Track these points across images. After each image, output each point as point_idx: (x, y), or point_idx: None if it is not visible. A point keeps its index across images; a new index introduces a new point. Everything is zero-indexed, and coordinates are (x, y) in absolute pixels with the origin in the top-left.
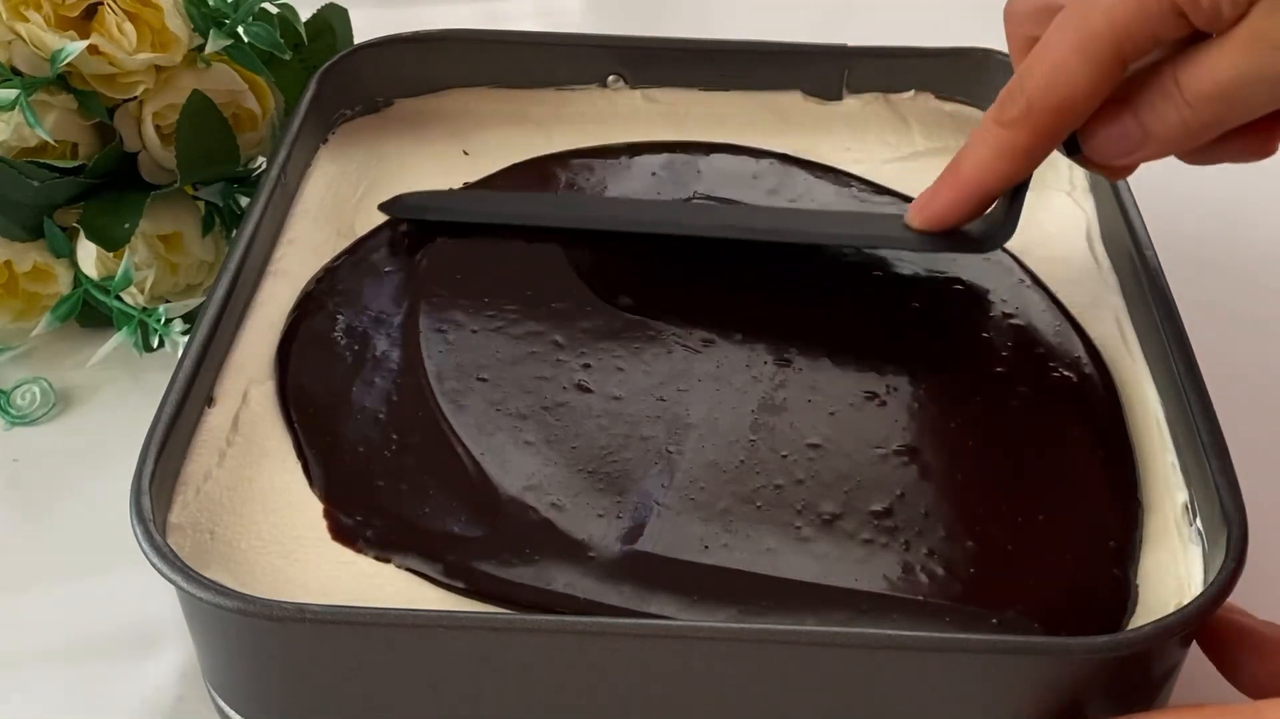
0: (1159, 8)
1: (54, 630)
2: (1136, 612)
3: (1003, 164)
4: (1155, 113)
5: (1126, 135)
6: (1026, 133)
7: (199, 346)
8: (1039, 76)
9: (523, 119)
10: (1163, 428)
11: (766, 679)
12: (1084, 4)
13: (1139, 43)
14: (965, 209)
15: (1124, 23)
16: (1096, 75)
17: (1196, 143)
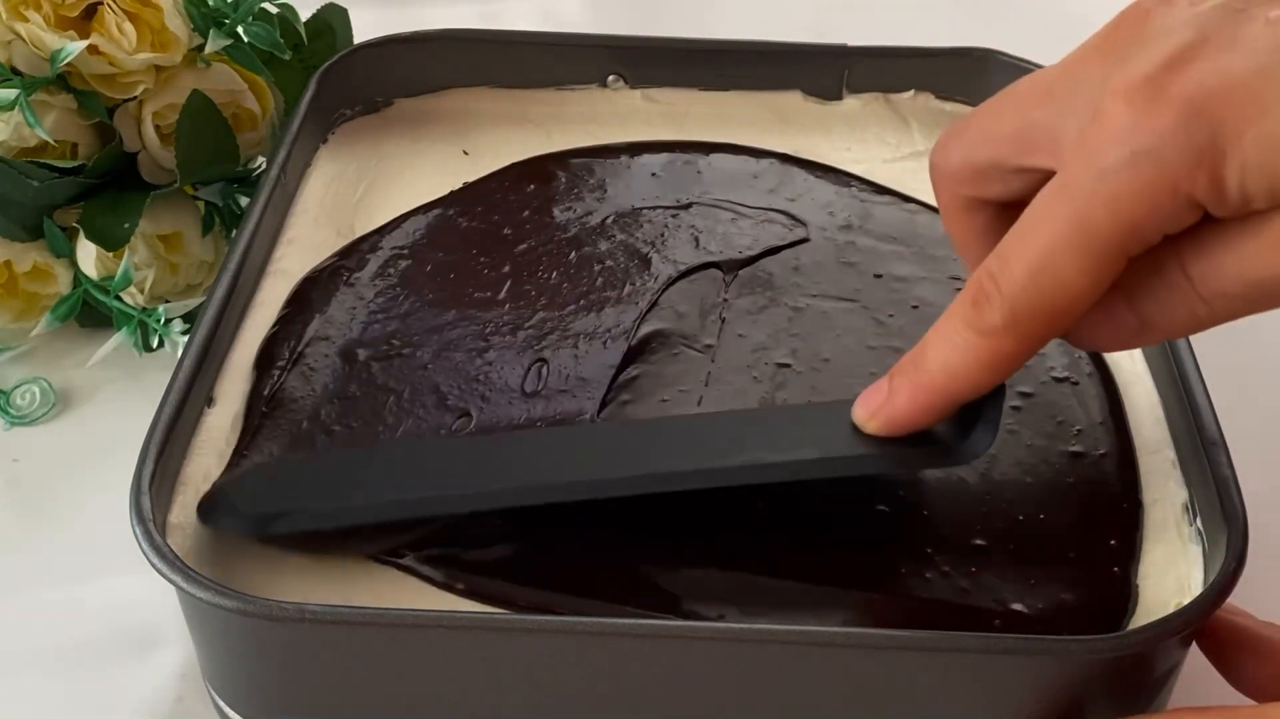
0: (1174, 201)
1: (54, 630)
2: (1136, 612)
3: (981, 374)
4: (1160, 306)
5: (1124, 329)
6: (1011, 342)
7: (199, 346)
8: (1021, 276)
9: (523, 119)
10: (1163, 428)
11: (766, 679)
12: (1077, 193)
13: (1148, 239)
14: (930, 417)
15: (1132, 219)
16: (1095, 276)
17: (1200, 331)
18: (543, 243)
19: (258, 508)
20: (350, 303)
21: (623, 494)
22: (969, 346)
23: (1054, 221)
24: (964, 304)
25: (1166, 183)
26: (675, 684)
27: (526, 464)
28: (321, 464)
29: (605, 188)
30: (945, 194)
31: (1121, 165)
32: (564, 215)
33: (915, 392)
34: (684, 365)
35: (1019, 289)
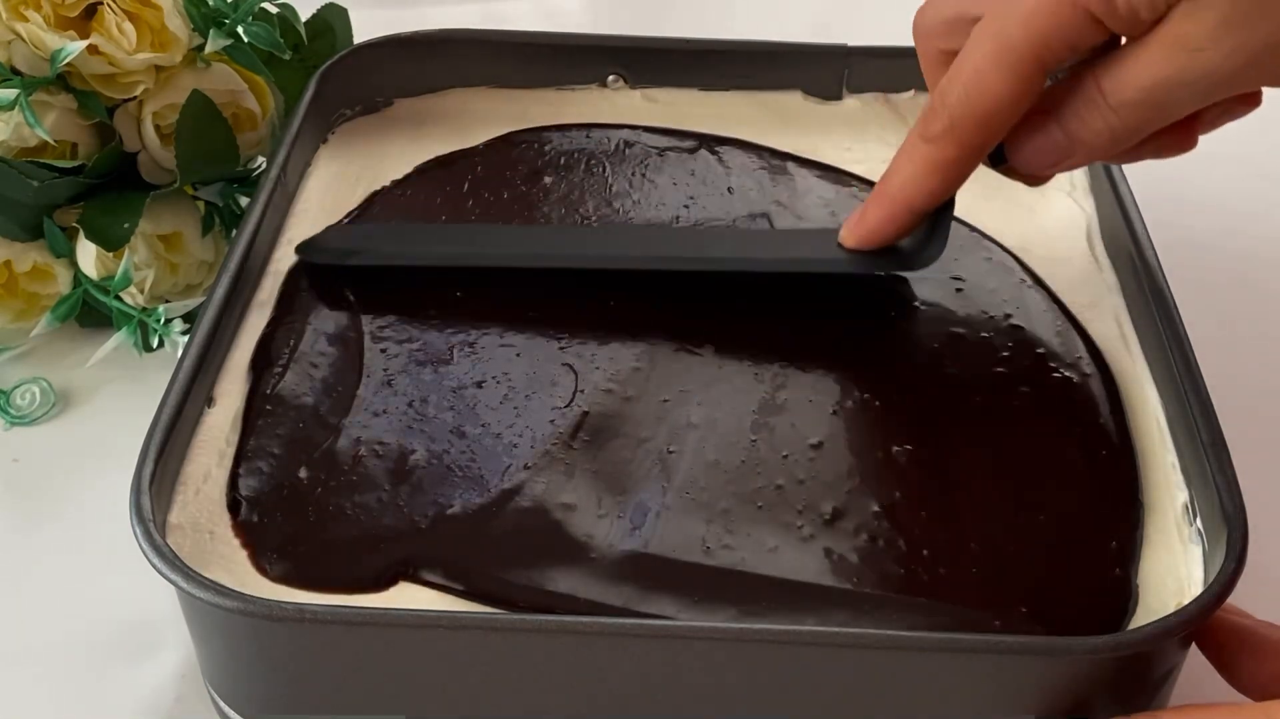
0: (1075, 15)
1: (54, 630)
2: (1137, 612)
3: (929, 180)
4: (1081, 121)
5: (1054, 145)
6: (952, 147)
7: (199, 346)
8: (959, 90)
9: (523, 119)
10: (1163, 428)
11: (766, 679)
12: (1000, 15)
13: (1057, 51)
14: (895, 227)
15: (1041, 31)
16: (1017, 86)
17: (1124, 147)
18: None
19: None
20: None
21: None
22: (920, 156)
23: (983, 44)
24: (919, 120)
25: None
26: (675, 684)
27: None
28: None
29: (594, 168)
30: (923, 48)
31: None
32: (557, 188)
33: (881, 205)
34: (684, 364)
35: (955, 100)
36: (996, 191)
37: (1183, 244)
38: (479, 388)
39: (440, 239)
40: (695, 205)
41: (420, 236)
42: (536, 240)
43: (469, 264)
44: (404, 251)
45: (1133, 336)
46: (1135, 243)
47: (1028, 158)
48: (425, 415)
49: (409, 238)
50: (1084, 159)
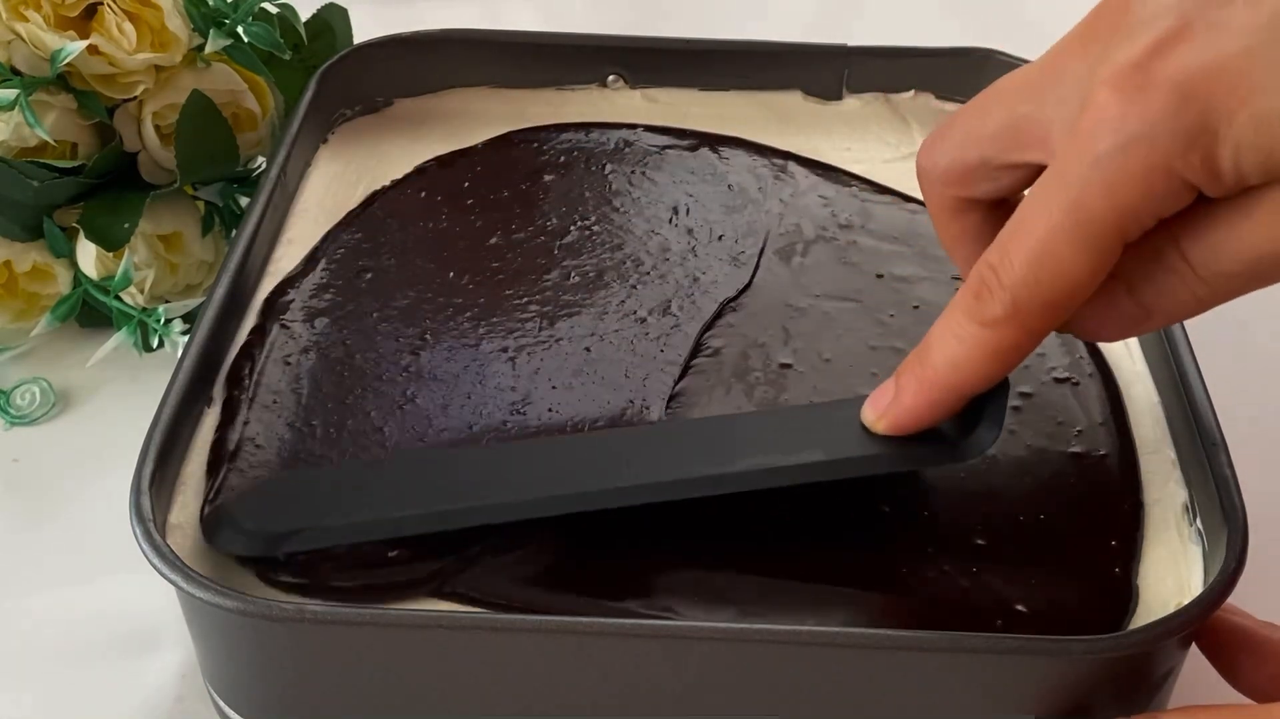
0: (1168, 183)
1: (54, 630)
2: (1137, 612)
3: (986, 367)
4: (1159, 291)
5: (1124, 316)
6: (1014, 332)
7: (199, 346)
8: (1021, 266)
9: (522, 119)
10: (1163, 428)
11: (766, 679)
12: (1073, 181)
13: (1144, 224)
14: (937, 413)
15: (1127, 202)
16: (1097, 264)
17: (1203, 312)
18: (535, 230)
19: (266, 525)
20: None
21: (630, 503)
22: (973, 339)
23: (1051, 211)
24: (966, 298)
25: (1160, 166)
26: (675, 684)
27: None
28: (327, 478)
29: (593, 166)
30: (934, 196)
31: (1115, 151)
32: (557, 187)
33: (921, 388)
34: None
35: (1019, 279)
36: None
37: None
38: (475, 381)
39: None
40: (695, 203)
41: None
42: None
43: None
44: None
45: None
46: None
47: (1094, 330)
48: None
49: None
50: (1160, 326)
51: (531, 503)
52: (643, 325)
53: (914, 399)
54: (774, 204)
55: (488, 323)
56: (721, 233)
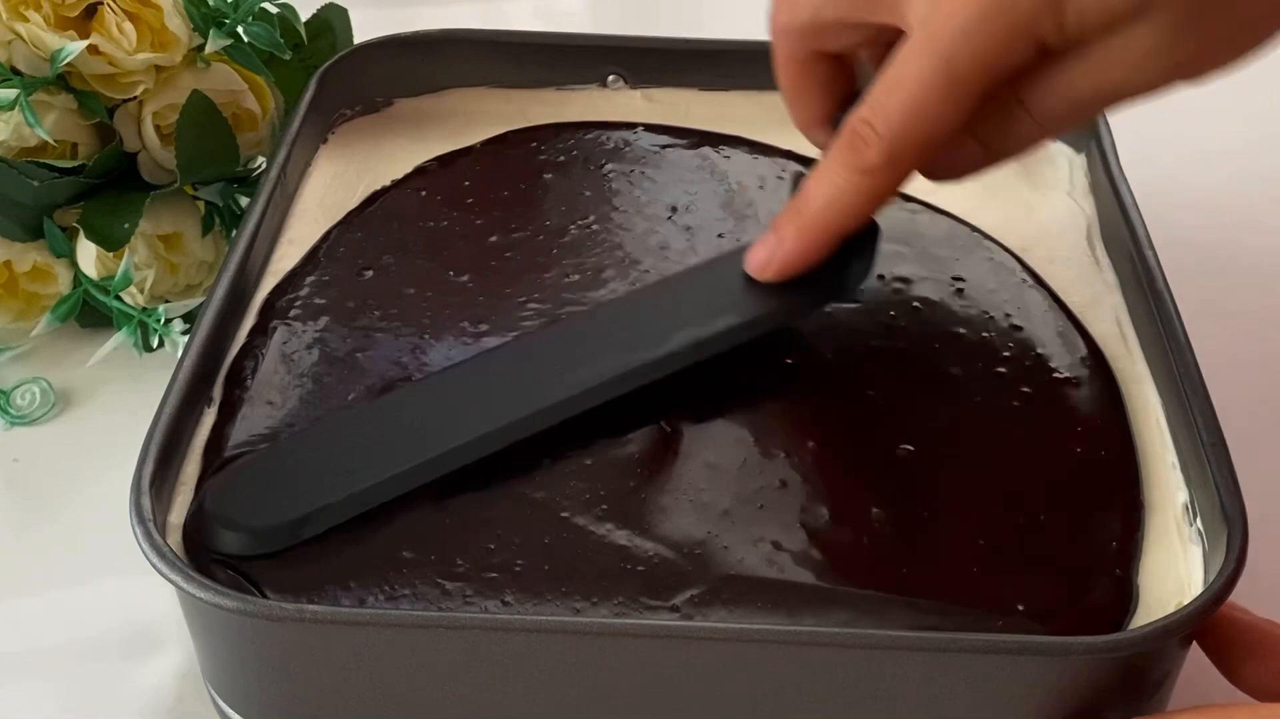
0: (1025, 43)
1: (54, 631)
2: (1137, 612)
3: (859, 207)
4: (999, 131)
5: (970, 157)
6: (888, 175)
7: (199, 347)
8: (898, 118)
9: (523, 119)
10: (1163, 428)
11: (767, 679)
12: (940, 39)
13: (1000, 75)
14: (816, 254)
15: (992, 63)
16: (962, 113)
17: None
18: (535, 229)
19: (261, 520)
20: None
21: (590, 406)
22: (851, 185)
23: (922, 71)
24: (841, 149)
25: (1021, 28)
26: (675, 684)
27: (492, 401)
28: (296, 457)
29: (593, 165)
30: (787, 48)
31: (980, 16)
32: (557, 186)
33: (802, 233)
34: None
35: (896, 130)
36: (997, 191)
37: (1183, 244)
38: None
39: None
40: (695, 201)
41: (345, 469)
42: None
43: (418, 476)
44: (340, 504)
45: (1133, 337)
46: (1135, 243)
47: (943, 170)
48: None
49: (339, 467)
50: (998, 165)
51: (506, 429)
52: None
53: (796, 243)
54: (774, 204)
55: (488, 321)
56: (721, 231)
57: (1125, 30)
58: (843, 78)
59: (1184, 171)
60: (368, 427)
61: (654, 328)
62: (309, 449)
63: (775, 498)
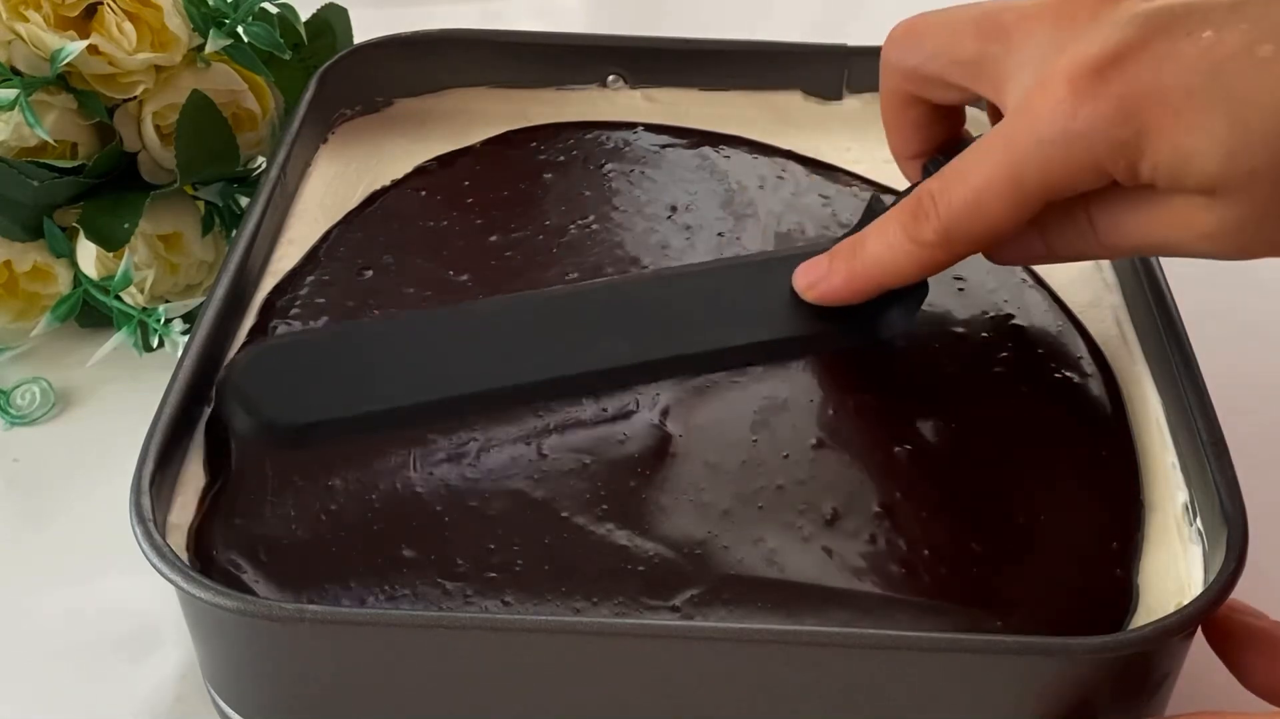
0: (1094, 176)
1: (54, 630)
2: (1137, 612)
3: (907, 273)
4: (1064, 241)
5: (1030, 251)
6: (939, 254)
7: (199, 347)
8: (957, 204)
9: (523, 119)
10: (1163, 428)
11: (767, 679)
12: (1015, 144)
13: (1065, 196)
14: (859, 297)
15: (1056, 181)
16: (1019, 218)
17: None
18: (535, 229)
19: (274, 414)
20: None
21: (588, 388)
22: (902, 251)
23: (992, 167)
24: (904, 213)
25: (1091, 162)
26: (675, 684)
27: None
28: (327, 355)
29: (593, 165)
30: (890, 85)
31: (1057, 139)
32: (557, 186)
33: (850, 277)
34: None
35: (953, 214)
36: None
37: None
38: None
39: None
40: (695, 201)
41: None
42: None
43: (432, 396)
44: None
45: (1132, 337)
46: None
47: (1003, 257)
48: None
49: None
50: (1055, 263)
51: (519, 389)
52: None
53: (842, 283)
54: (774, 203)
55: None
56: (721, 231)
57: (1195, 200)
58: (942, 125)
59: None
60: (394, 346)
61: (687, 321)
62: (335, 351)
63: (775, 498)
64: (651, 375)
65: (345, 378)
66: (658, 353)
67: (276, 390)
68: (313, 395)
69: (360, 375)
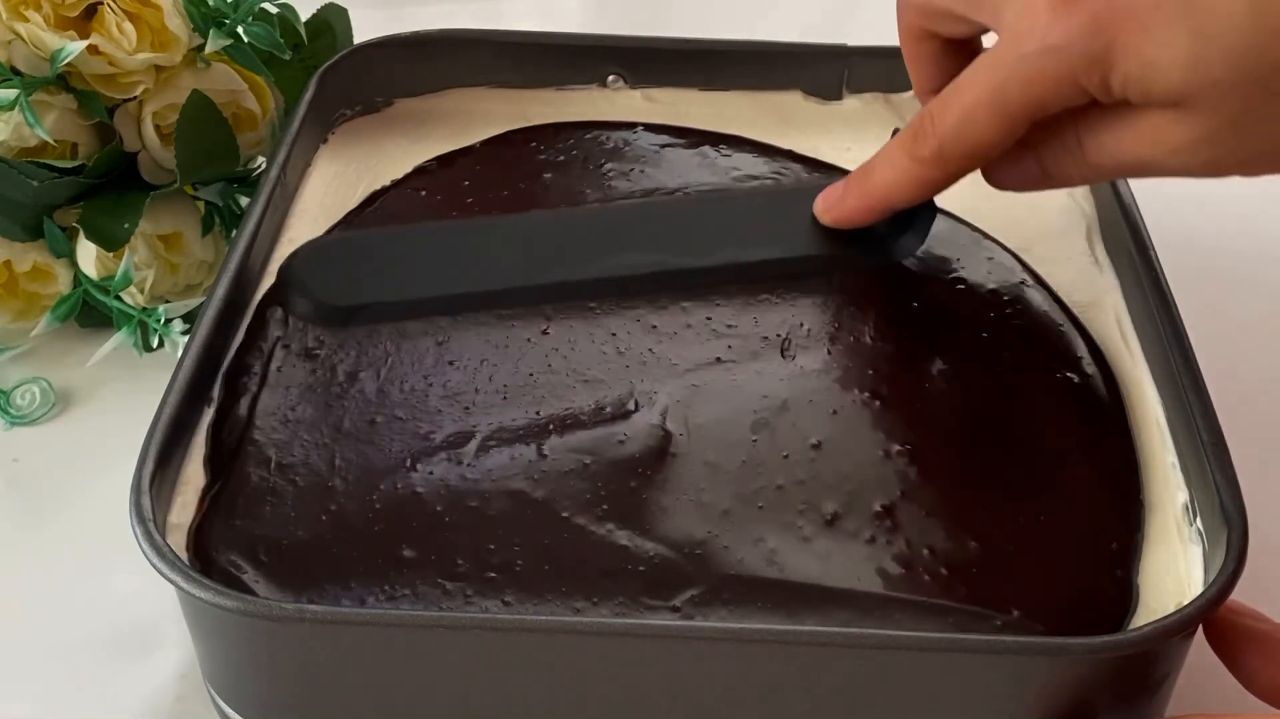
0: (1071, 88)
1: (54, 630)
2: (1137, 612)
3: (911, 191)
4: (1057, 162)
5: (1027, 175)
6: (936, 170)
7: (199, 347)
8: (951, 122)
9: (523, 119)
10: (1163, 428)
11: (766, 679)
12: (1002, 66)
13: (1049, 111)
14: (869, 218)
15: (1038, 97)
16: (1006, 132)
17: (1085, 184)
18: None
19: (325, 297)
20: None
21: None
22: (904, 169)
23: (980, 85)
24: (907, 135)
25: (1067, 74)
26: (675, 684)
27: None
28: (381, 249)
29: (593, 164)
30: (905, 22)
31: (1036, 55)
32: (557, 185)
33: (861, 198)
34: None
35: (947, 131)
36: (996, 192)
37: (1183, 244)
38: (473, 392)
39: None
40: None
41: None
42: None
43: (464, 290)
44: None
45: (1133, 336)
46: (1135, 243)
47: (1002, 179)
48: (414, 413)
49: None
50: (1051, 188)
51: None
52: None
53: (855, 204)
54: None
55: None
56: None
57: (1165, 113)
58: (956, 59)
59: None
60: (436, 247)
61: (712, 237)
62: (382, 248)
63: (775, 498)
64: (675, 283)
65: (390, 270)
66: (684, 263)
67: (329, 278)
68: (361, 283)
69: (404, 269)
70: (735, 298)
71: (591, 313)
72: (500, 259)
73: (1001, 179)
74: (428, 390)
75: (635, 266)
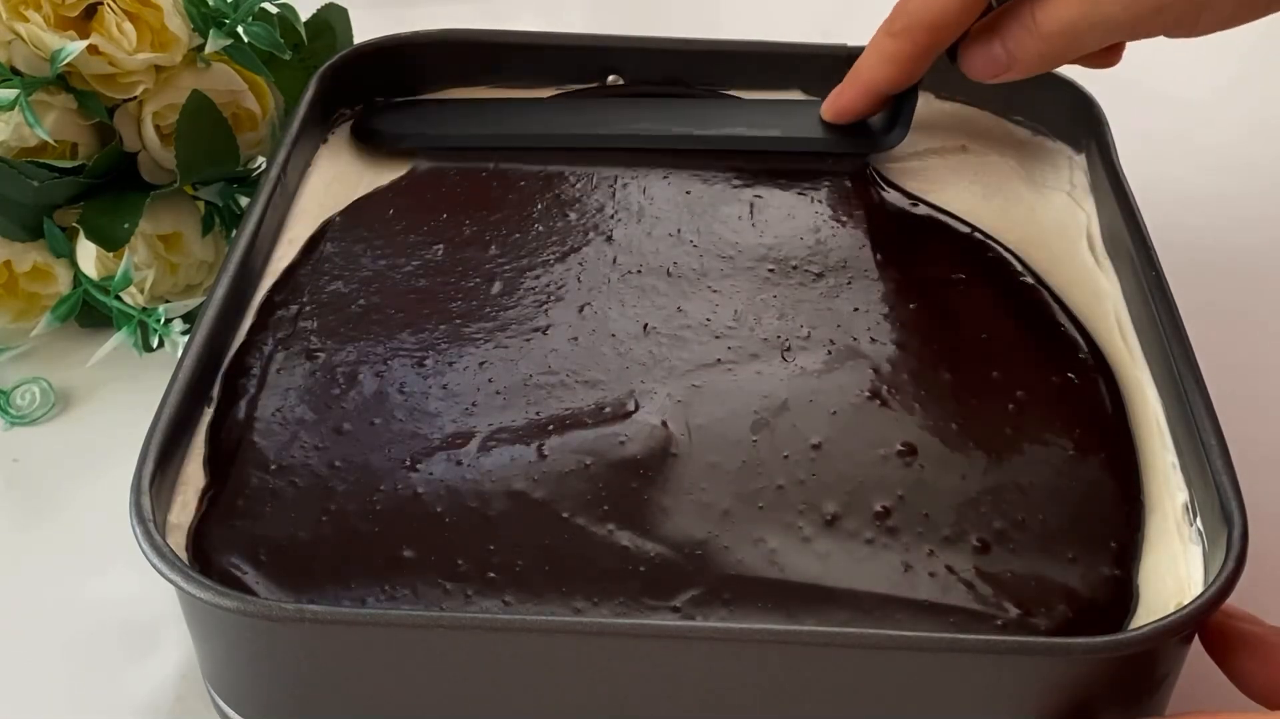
0: None
1: (54, 630)
2: (1137, 612)
3: (889, 68)
4: (1017, 42)
5: (994, 59)
6: (906, 44)
7: (199, 347)
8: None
9: None
10: (1163, 428)
11: (767, 679)
12: None
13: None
14: (863, 105)
15: None
16: (962, 7)
17: (1053, 67)
18: (516, 226)
19: (392, 129)
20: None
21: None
22: (882, 47)
23: None
24: (885, 20)
25: None
26: (675, 684)
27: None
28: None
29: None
30: None
31: None
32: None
33: (851, 86)
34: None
35: (915, 7)
36: (996, 191)
37: (1183, 244)
38: (474, 390)
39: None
40: (695, 194)
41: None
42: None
43: (511, 144)
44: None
45: (1132, 337)
46: (1135, 243)
47: (973, 66)
48: (413, 414)
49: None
50: (1020, 74)
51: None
52: None
53: (850, 93)
54: None
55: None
56: None
57: None
58: None
59: (1184, 171)
60: (489, 109)
61: (725, 117)
62: (445, 106)
63: (775, 498)
64: (693, 148)
65: (453, 119)
66: (705, 130)
67: (404, 122)
68: (423, 127)
69: (465, 119)
70: (735, 297)
71: (592, 313)
72: (546, 120)
73: (971, 64)
74: (428, 391)
75: (661, 131)
